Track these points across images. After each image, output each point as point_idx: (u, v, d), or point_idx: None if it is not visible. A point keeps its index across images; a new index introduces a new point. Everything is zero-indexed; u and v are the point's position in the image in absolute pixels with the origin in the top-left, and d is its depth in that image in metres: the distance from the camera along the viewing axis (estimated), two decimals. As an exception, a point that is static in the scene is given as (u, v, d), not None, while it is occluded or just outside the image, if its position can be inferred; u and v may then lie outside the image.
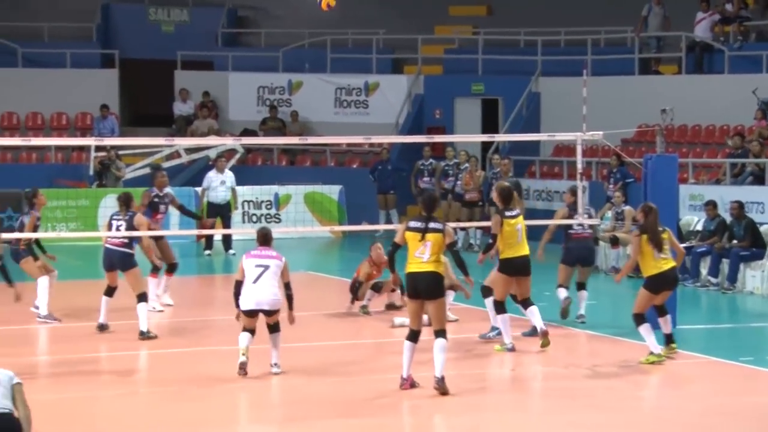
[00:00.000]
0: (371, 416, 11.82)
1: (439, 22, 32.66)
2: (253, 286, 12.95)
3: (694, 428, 11.61)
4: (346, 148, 30.30)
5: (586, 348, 15.60)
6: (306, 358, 14.34)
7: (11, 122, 31.31)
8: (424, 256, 12.30)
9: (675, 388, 13.47)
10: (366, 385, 13.07)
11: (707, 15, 27.90)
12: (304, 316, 17.20)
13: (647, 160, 16.81)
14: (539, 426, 11.75)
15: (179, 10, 33.92)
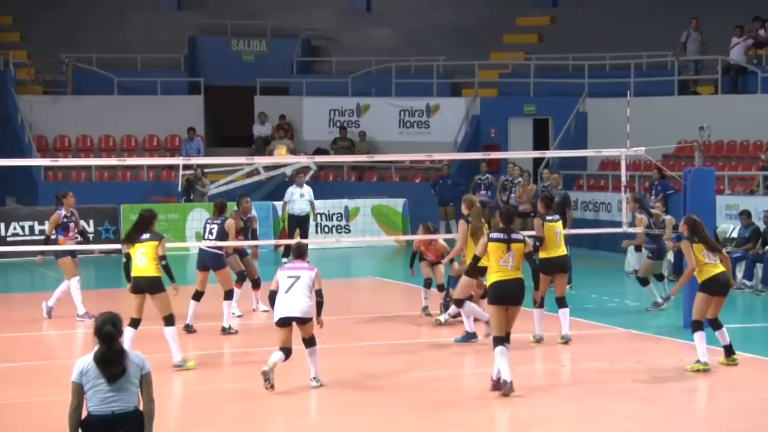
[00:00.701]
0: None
1: (494, 48, 32.63)
2: (285, 295, 12.31)
3: (740, 419, 11.53)
4: (410, 165, 30.36)
5: (627, 346, 15.48)
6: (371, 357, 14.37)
7: (108, 144, 31.67)
8: (508, 265, 12.17)
9: (717, 382, 13.38)
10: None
11: (741, 40, 27.66)
12: (368, 317, 17.45)
13: (686, 173, 16.71)
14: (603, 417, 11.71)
15: (258, 41, 34.19)
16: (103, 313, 7.57)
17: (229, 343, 15.62)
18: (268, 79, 32.80)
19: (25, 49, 33.10)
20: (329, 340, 14.51)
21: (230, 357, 15.14)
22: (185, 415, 12.06)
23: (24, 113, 31.10)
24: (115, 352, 7.44)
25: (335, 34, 35.03)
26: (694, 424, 11.58)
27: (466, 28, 33.30)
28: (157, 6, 35.77)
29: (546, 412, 11.80)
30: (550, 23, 33.63)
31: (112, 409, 7.41)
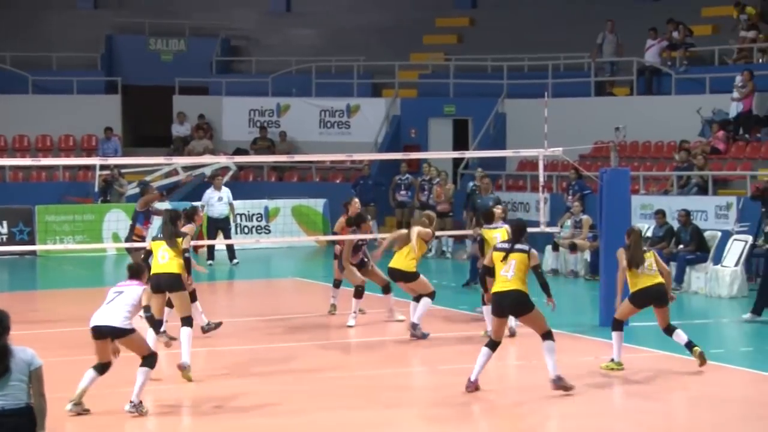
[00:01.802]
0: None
1: (414, 49, 32.73)
2: (105, 306, 11.31)
3: (654, 414, 11.67)
4: (330, 165, 30.34)
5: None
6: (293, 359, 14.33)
7: (23, 144, 31.25)
8: (508, 274, 12.10)
9: (627, 380, 13.51)
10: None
11: (656, 42, 28.06)
12: (291, 318, 17.40)
13: (602, 173, 16.88)
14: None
15: (177, 41, 33.92)
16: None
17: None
18: (187, 79, 32.56)
19: (-63, 47, 32.54)
20: (251, 341, 14.45)
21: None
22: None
23: (-65, 112, 30.58)
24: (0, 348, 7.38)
25: (255, 33, 34.89)
26: (611, 421, 11.67)
27: (386, 28, 33.36)
28: (74, 5, 35.33)
29: (467, 410, 11.84)
30: (469, 24, 33.83)
31: (0, 405, 7.34)
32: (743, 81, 24.83)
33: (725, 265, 19.41)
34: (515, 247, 12.25)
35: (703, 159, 23.53)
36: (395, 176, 27.16)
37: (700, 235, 20.20)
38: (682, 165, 23.82)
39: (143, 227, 17.55)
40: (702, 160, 23.48)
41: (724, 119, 25.13)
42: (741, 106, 24.94)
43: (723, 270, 19.34)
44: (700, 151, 23.97)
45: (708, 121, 25.30)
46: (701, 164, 23.39)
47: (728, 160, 24.25)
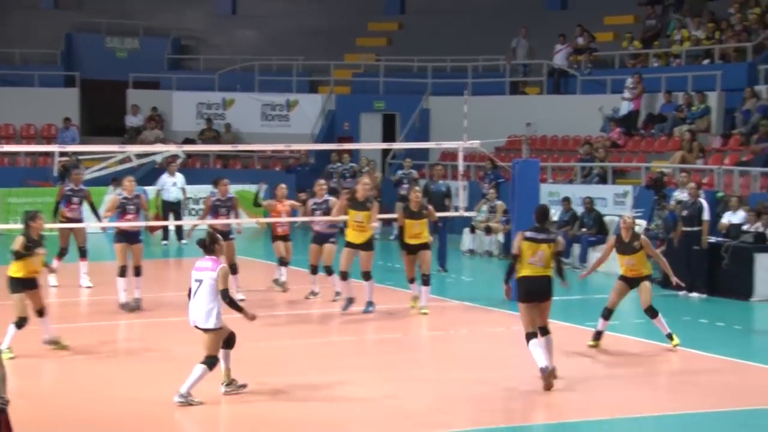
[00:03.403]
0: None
1: (348, 50, 32.70)
2: (192, 302, 10.53)
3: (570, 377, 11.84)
4: (270, 154, 30.23)
5: (462, 317, 15.74)
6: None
7: (-12, 132, 30.83)
8: (538, 263, 11.45)
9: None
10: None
11: (564, 47, 28.32)
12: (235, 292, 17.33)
13: (515, 164, 17.02)
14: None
15: (131, 39, 33.57)
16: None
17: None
18: (140, 74, 32.22)
19: None
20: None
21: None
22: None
23: None
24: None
25: (203, 34, 34.63)
26: (528, 385, 11.69)
27: (323, 31, 33.28)
28: (36, 4, 34.79)
29: (389, 375, 11.91)
30: (398, 29, 33.85)
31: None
32: (633, 83, 25.18)
33: (622, 246, 19.65)
34: (543, 237, 11.43)
35: (603, 152, 23.84)
36: (327, 165, 27.13)
37: (601, 219, 20.48)
38: (585, 157, 24.10)
39: (67, 209, 17.19)
40: (603, 153, 23.79)
41: (620, 117, 25.48)
42: (631, 105, 25.31)
43: (620, 251, 19.58)
44: (601, 145, 24.27)
45: (608, 119, 25.63)
46: (602, 156, 23.69)
47: (625, 153, 24.58)
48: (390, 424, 10.07)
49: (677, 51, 26.47)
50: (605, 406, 10.75)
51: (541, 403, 10.92)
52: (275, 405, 10.51)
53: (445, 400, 10.87)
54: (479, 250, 22.41)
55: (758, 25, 25.39)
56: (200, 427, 10.09)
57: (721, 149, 22.58)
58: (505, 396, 11.21)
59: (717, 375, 12.16)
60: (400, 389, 11.23)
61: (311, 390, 11.11)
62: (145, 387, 11.16)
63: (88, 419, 10.01)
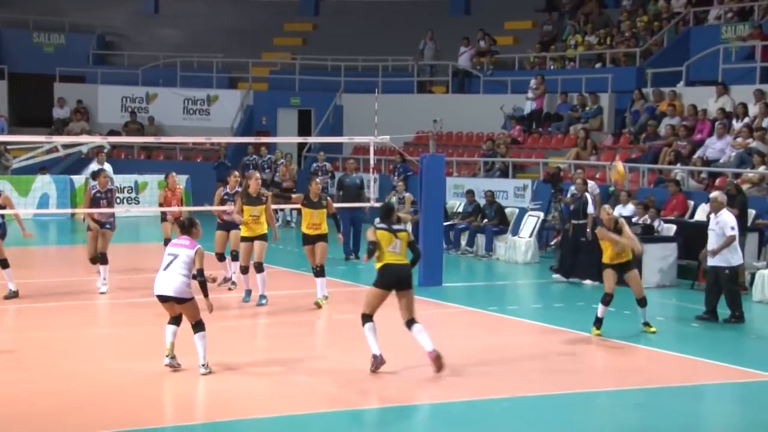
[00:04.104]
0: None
1: (265, 49, 32.35)
2: (162, 273, 10.47)
3: (459, 362, 11.74)
4: (192, 146, 29.75)
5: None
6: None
7: None
8: (396, 250, 11.04)
9: (442, 330, 13.62)
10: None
11: (468, 49, 28.38)
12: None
13: (423, 158, 16.96)
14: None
15: (57, 35, 32.78)
16: None
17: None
18: (67, 69, 31.44)
19: None
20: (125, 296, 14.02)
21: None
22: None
23: None
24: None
25: (127, 31, 33.94)
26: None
27: (241, 30, 32.86)
28: (-35, 0, 33.76)
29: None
30: (312, 29, 33.59)
31: None
32: (536, 84, 25.33)
33: (521, 236, 19.77)
34: (395, 227, 11.11)
35: (505, 148, 23.92)
36: (243, 157, 26.77)
37: (502, 211, 20.53)
38: (487, 153, 24.16)
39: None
40: (504, 149, 23.87)
41: (522, 115, 25.63)
42: (534, 104, 25.46)
43: (520, 240, 19.70)
44: (503, 141, 24.37)
45: (509, 117, 25.74)
46: (503, 152, 23.77)
47: (525, 149, 24.72)
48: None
49: (572, 55, 26.72)
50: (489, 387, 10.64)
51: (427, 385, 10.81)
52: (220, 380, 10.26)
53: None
54: (389, 239, 22.27)
55: (645, 32, 25.75)
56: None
57: (613, 146, 22.84)
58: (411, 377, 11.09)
59: (609, 356, 12.22)
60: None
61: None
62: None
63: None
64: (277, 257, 17.82)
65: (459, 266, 19.33)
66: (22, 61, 31.82)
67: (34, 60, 31.88)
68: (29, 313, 14.17)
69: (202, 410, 9.80)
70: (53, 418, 9.13)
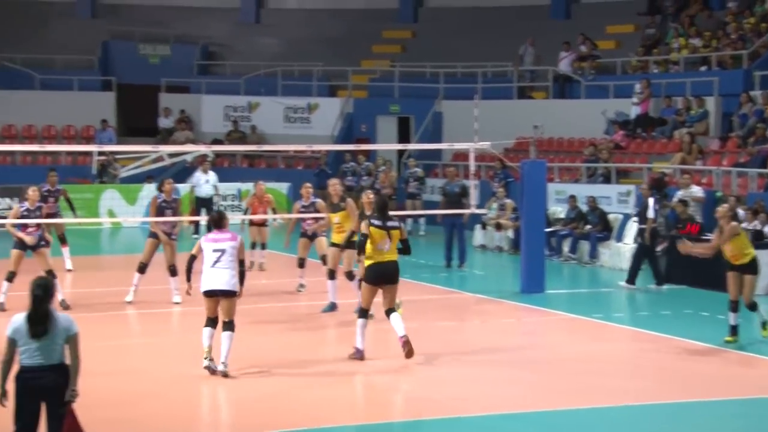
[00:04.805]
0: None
1: (364, 57, 32.57)
2: (211, 270, 10.67)
3: (560, 369, 11.65)
4: (293, 154, 30.12)
5: (476, 307, 15.58)
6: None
7: (31, 133, 30.74)
8: (386, 247, 11.35)
9: (544, 338, 13.54)
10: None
11: (568, 54, 28.12)
12: (261, 284, 17.27)
13: (523, 164, 16.87)
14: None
15: (163, 46, 33.52)
16: (39, 277, 7.39)
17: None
18: (172, 79, 32.16)
19: (-44, 49, 31.91)
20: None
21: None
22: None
23: (-44, 105, 30.02)
24: (40, 312, 7.23)
25: (229, 41, 34.54)
26: (536, 373, 11.61)
27: (341, 39, 33.14)
28: (75, 14, 34.77)
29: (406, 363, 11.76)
30: (411, 36, 33.69)
31: (39, 361, 7.24)
32: (641, 88, 24.95)
33: (625, 242, 19.50)
34: (389, 224, 11.31)
35: (607, 153, 23.63)
36: (341, 165, 27.00)
37: (605, 217, 20.28)
38: (590, 158, 23.90)
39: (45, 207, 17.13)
40: (606, 154, 23.57)
41: (625, 120, 25.27)
42: (639, 109, 25.08)
43: (623, 246, 19.42)
44: (605, 146, 24.07)
45: (611, 122, 25.41)
46: (606, 158, 23.48)
47: (628, 154, 24.36)
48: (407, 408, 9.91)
49: (675, 58, 26.25)
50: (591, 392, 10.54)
51: (543, 389, 10.74)
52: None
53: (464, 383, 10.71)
54: (490, 246, 22.24)
55: (753, 34, 25.14)
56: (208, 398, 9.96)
57: (719, 151, 22.35)
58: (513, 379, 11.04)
59: (715, 365, 11.96)
60: (420, 376, 11.10)
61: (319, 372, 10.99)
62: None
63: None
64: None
65: (562, 273, 19.15)
66: (129, 72, 32.64)
67: (141, 71, 32.66)
68: (139, 318, 14.54)
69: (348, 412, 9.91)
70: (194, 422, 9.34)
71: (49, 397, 7.25)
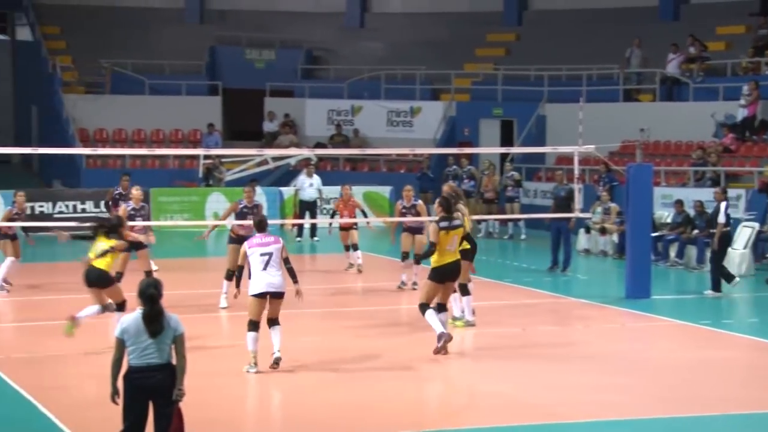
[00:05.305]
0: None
1: (467, 60, 32.52)
2: (263, 272, 11.08)
3: (666, 377, 11.49)
4: (395, 158, 30.25)
5: (579, 312, 15.44)
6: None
7: (140, 137, 31.52)
8: (452, 248, 11.92)
9: (649, 344, 13.36)
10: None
11: (676, 56, 27.63)
12: (362, 287, 17.43)
13: (629, 168, 16.68)
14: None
15: (268, 51, 34.01)
16: (148, 278, 7.61)
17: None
18: (276, 83, 32.63)
19: (70, 55, 32.89)
20: (334, 304, 14.45)
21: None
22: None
23: (69, 110, 30.94)
24: (156, 311, 7.41)
25: (334, 45, 34.88)
26: (640, 380, 11.48)
27: (444, 42, 33.18)
28: (183, 20, 35.56)
29: (512, 368, 11.73)
30: (515, 39, 33.52)
31: (148, 361, 7.41)
32: (749, 90, 24.37)
33: (735, 248, 19.07)
34: (454, 223, 11.99)
35: (716, 157, 23.16)
36: (445, 168, 27.03)
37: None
38: (698, 162, 23.46)
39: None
40: (715, 158, 23.11)
41: (734, 123, 24.72)
42: (746, 111, 24.51)
43: (733, 252, 18.99)
44: (714, 150, 23.59)
45: (720, 125, 24.89)
46: (714, 161, 23.02)
47: (738, 157, 23.83)
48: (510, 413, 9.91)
49: (789, 59, 25.56)
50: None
51: (660, 397, 10.60)
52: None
53: (560, 390, 10.64)
54: (594, 250, 22.00)
55: None
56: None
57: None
58: (618, 387, 10.92)
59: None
60: (517, 379, 11.07)
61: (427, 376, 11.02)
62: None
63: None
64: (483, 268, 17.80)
65: (668, 278, 18.84)
66: (235, 77, 33.22)
67: (246, 76, 33.21)
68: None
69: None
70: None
71: (157, 396, 7.42)
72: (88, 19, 34.03)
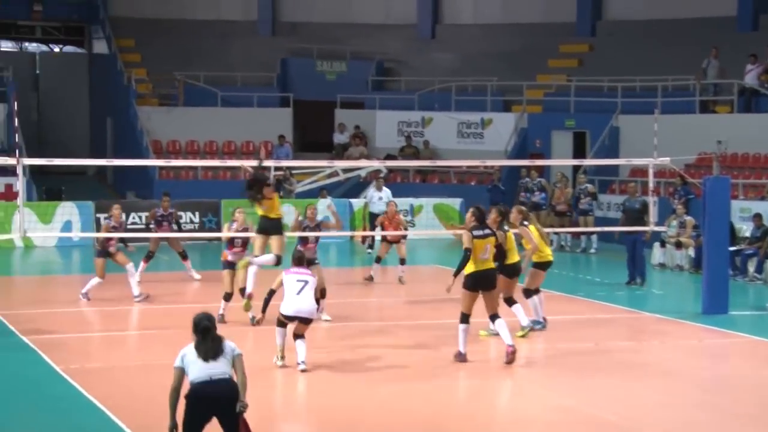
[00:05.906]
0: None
1: (540, 71, 32.33)
2: (296, 297, 11.80)
3: (746, 395, 11.24)
4: (466, 170, 30.16)
5: (655, 328, 15.19)
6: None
7: (212, 148, 31.90)
8: (486, 256, 12.17)
9: (728, 361, 13.09)
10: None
11: (755, 67, 27.14)
12: (432, 299, 17.35)
13: (706, 181, 16.41)
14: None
15: (339, 63, 34.20)
16: (200, 313, 7.93)
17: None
18: (347, 95, 32.79)
19: (144, 68, 33.46)
20: (386, 317, 14.42)
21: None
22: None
23: (143, 122, 31.44)
24: (212, 341, 7.79)
25: (405, 57, 34.95)
26: (722, 399, 11.23)
27: (516, 53, 33.03)
28: (255, 32, 35.94)
29: (587, 383, 11.58)
30: (588, 50, 33.24)
31: (210, 374, 7.69)
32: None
33: (815, 263, 18.62)
34: (486, 232, 12.25)
35: (796, 169, 22.65)
36: (519, 180, 26.84)
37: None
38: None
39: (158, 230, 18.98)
40: (795, 171, 22.60)
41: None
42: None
43: (813, 268, 18.55)
44: (794, 162, 23.07)
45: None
46: (794, 174, 22.52)
47: (819, 170, 23.31)
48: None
49: None
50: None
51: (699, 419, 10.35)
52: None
53: (635, 408, 10.46)
54: (670, 264, 21.65)
55: None
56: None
57: None
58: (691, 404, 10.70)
59: None
60: (591, 397, 10.90)
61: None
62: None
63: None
64: (554, 282, 17.61)
65: (747, 294, 18.47)
66: (306, 88, 33.47)
67: (317, 87, 33.45)
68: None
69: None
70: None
71: (221, 408, 7.67)
72: (162, 32, 34.60)
